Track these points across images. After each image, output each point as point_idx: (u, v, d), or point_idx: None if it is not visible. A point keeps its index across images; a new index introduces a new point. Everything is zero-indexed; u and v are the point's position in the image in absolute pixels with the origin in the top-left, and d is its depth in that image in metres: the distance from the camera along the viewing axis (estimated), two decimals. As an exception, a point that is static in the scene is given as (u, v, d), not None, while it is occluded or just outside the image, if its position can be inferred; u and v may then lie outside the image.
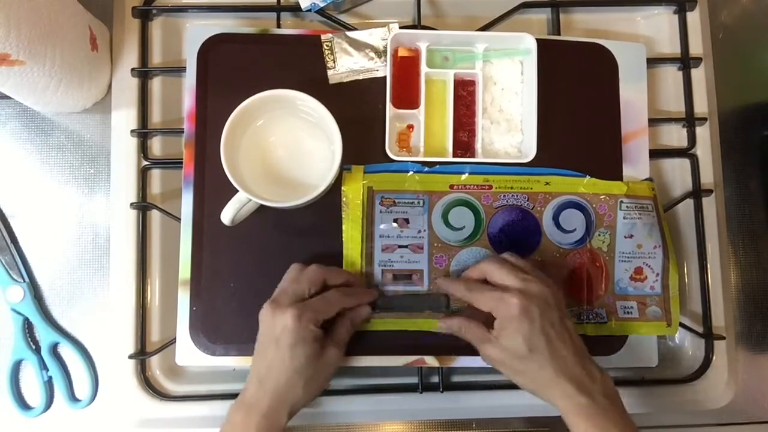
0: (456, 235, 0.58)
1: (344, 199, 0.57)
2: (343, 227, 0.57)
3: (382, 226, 0.57)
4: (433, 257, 0.58)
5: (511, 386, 0.59)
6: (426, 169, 0.58)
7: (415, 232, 0.58)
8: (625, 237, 0.59)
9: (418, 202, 0.58)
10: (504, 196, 0.58)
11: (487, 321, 0.51)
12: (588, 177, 0.59)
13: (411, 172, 0.58)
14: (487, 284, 0.52)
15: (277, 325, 0.49)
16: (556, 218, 0.59)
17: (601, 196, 0.59)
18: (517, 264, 0.52)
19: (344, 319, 0.53)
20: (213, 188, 0.57)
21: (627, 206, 0.59)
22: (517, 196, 0.58)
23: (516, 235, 0.58)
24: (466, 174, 0.58)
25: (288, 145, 0.56)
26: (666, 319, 0.59)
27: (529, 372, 0.49)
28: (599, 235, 0.59)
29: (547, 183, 0.59)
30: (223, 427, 0.49)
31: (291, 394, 0.49)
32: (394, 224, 0.57)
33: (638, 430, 0.48)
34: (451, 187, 0.58)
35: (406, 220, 0.58)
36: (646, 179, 0.60)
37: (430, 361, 0.57)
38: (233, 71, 0.59)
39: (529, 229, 0.58)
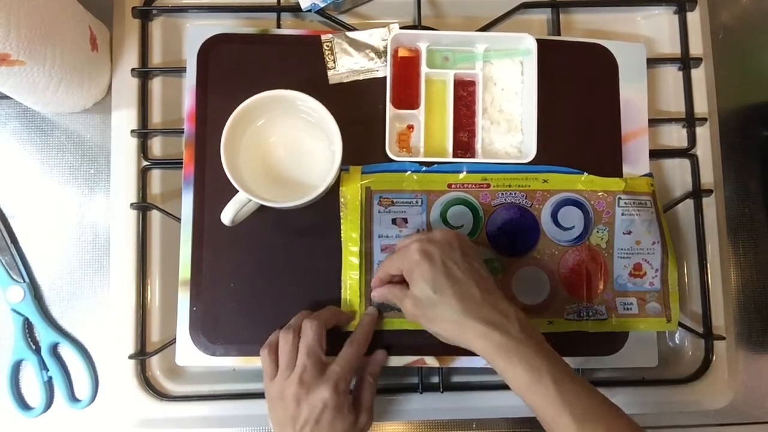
0: (455, 234, 0.58)
1: (342, 199, 0.57)
2: (342, 227, 0.57)
3: (380, 226, 0.57)
4: (433, 257, 0.58)
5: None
6: (424, 168, 0.58)
7: (413, 231, 0.58)
8: (624, 233, 0.59)
9: (417, 202, 0.58)
10: (502, 194, 0.58)
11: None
12: (586, 174, 0.59)
13: (409, 172, 0.58)
14: None
15: (317, 405, 0.48)
16: (554, 215, 0.59)
17: (599, 193, 0.59)
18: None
19: (365, 379, 0.54)
20: (213, 188, 0.57)
21: (625, 202, 0.59)
22: (515, 194, 0.58)
23: (514, 233, 0.58)
24: (464, 173, 0.58)
25: (288, 145, 0.56)
26: (666, 314, 0.59)
27: (440, 316, 0.48)
28: (598, 231, 0.59)
29: (545, 180, 0.59)
30: None
31: None
32: (393, 224, 0.57)
33: (565, 362, 0.47)
34: (449, 186, 0.58)
35: (405, 220, 0.58)
36: (645, 174, 0.60)
37: (430, 361, 0.57)
38: (233, 71, 0.59)
39: (527, 226, 0.58)
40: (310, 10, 0.61)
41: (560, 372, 0.45)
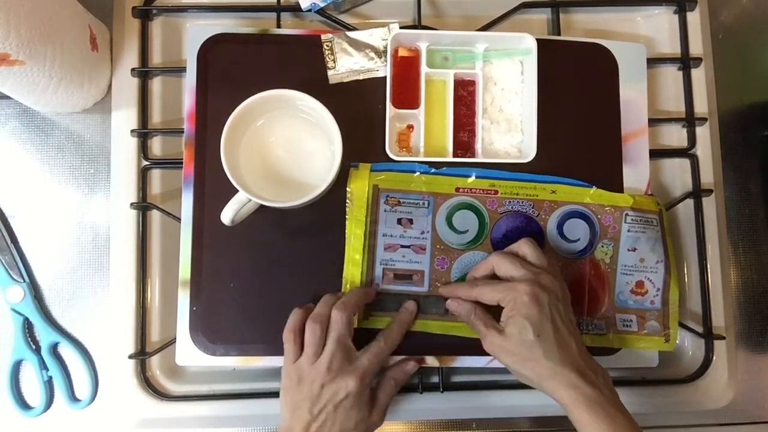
0: (459, 238, 0.58)
1: (349, 196, 0.57)
2: (347, 224, 0.57)
3: (385, 225, 0.57)
4: (435, 259, 0.57)
5: (512, 386, 0.59)
6: (432, 170, 0.58)
7: (418, 232, 0.58)
8: (629, 250, 0.59)
9: (423, 203, 0.58)
10: (509, 201, 0.58)
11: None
12: (594, 188, 0.59)
13: (417, 173, 0.58)
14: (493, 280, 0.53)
15: (340, 392, 0.49)
16: (560, 227, 0.59)
17: (607, 208, 0.59)
18: (530, 255, 0.52)
19: (387, 379, 0.54)
20: (213, 188, 0.57)
21: (632, 219, 0.59)
22: (522, 202, 0.58)
23: None
24: (473, 178, 0.58)
25: (288, 145, 0.56)
26: (664, 334, 0.59)
27: (535, 359, 0.49)
28: (602, 246, 0.59)
29: (553, 191, 0.58)
30: None
31: None
32: (398, 224, 0.57)
33: (635, 420, 0.48)
34: (457, 190, 0.58)
35: (410, 221, 0.58)
36: (650, 195, 0.60)
37: (430, 361, 0.57)
38: (233, 71, 0.59)
39: (532, 236, 0.57)
40: (310, 10, 0.61)
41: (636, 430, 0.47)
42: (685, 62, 0.63)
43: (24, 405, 0.60)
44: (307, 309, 0.54)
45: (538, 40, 0.57)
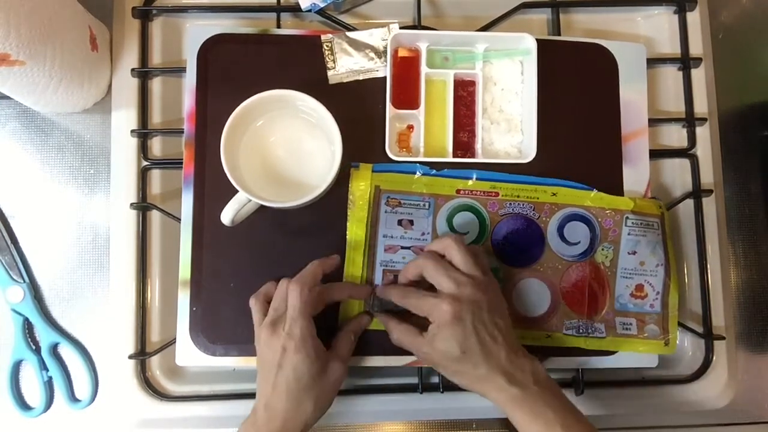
0: (459, 239, 0.58)
1: (350, 196, 0.57)
2: (348, 225, 0.57)
3: (385, 226, 0.57)
4: (435, 259, 0.57)
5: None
6: (433, 171, 0.58)
7: (418, 234, 0.58)
8: (629, 253, 0.59)
9: (424, 205, 0.58)
10: (510, 204, 0.58)
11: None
12: (595, 191, 0.59)
13: (418, 174, 0.58)
14: (424, 283, 0.52)
15: (277, 349, 0.50)
16: (560, 230, 0.59)
17: (607, 211, 0.59)
18: (456, 260, 0.51)
19: (345, 332, 0.54)
20: (213, 188, 0.57)
21: (632, 222, 0.59)
22: (523, 205, 0.58)
23: (519, 244, 0.58)
24: (473, 179, 0.58)
25: (288, 145, 0.56)
26: (664, 338, 0.59)
27: (464, 371, 0.50)
28: (603, 249, 0.59)
29: (554, 194, 0.58)
30: None
31: (301, 414, 0.50)
32: (399, 225, 0.57)
33: (575, 408, 0.49)
34: (458, 191, 0.58)
35: (411, 222, 0.58)
36: (652, 198, 0.60)
37: (430, 361, 0.57)
38: (233, 71, 0.58)
39: (533, 238, 0.58)
40: (310, 10, 0.61)
41: (571, 420, 0.48)
42: (685, 62, 0.63)
43: (24, 405, 0.60)
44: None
45: (538, 40, 0.57)
